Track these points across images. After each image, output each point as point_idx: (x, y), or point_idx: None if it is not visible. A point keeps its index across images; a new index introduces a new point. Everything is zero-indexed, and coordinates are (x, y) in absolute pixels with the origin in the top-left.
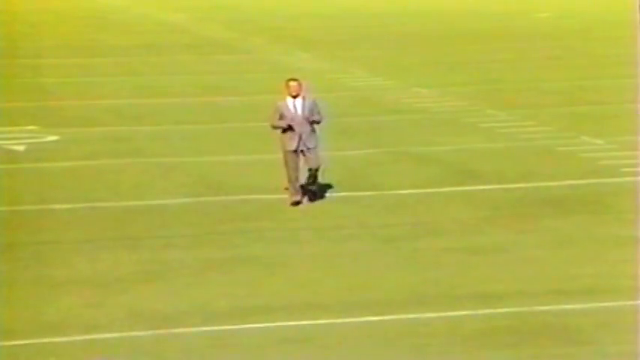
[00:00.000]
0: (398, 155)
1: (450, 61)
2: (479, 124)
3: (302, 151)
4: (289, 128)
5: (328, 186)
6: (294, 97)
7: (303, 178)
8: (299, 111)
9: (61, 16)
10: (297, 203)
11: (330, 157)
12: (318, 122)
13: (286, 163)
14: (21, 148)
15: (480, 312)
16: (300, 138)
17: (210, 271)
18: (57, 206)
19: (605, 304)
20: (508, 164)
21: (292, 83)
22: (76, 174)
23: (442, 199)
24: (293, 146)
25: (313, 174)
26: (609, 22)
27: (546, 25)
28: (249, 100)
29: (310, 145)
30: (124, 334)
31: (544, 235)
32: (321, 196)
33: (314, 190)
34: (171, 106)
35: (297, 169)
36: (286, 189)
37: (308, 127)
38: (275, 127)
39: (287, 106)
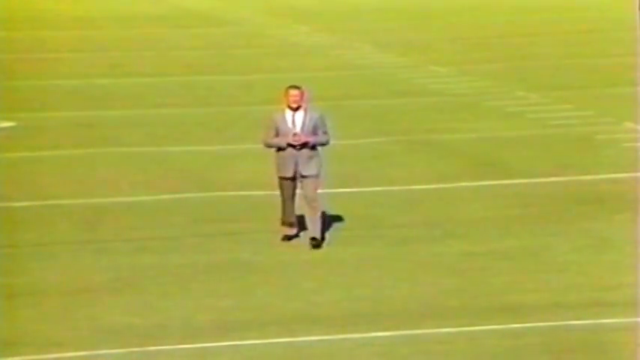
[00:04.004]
0: (411, 144)
1: (471, 35)
2: (505, 108)
3: (299, 178)
4: (285, 148)
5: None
6: (295, 109)
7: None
8: (298, 127)
9: None
10: (289, 238)
11: (332, 147)
12: (322, 144)
13: (280, 191)
14: None
15: (506, 327)
16: (296, 163)
17: (192, 279)
18: (13, 204)
19: None
20: (539, 155)
21: (292, 91)
22: (35, 166)
23: (463, 196)
24: (288, 172)
25: (315, 227)
26: None
27: None
28: (238, 80)
29: (307, 173)
30: (91, 352)
31: (580, 238)
32: (323, 239)
33: (317, 239)
34: (146, 86)
35: (292, 198)
36: (282, 222)
37: (307, 150)
38: (268, 146)
39: (284, 120)
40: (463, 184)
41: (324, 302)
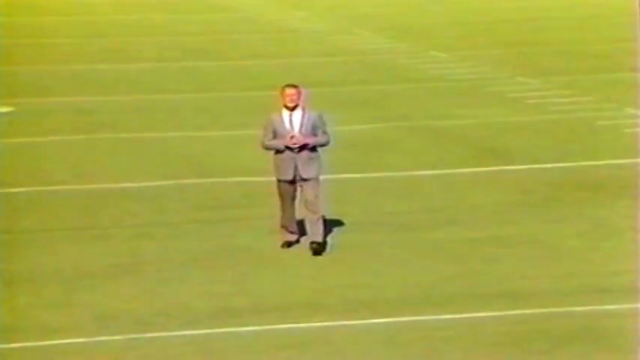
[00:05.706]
0: (412, 130)
1: (471, 21)
2: (506, 93)
3: (299, 182)
4: (283, 150)
5: (333, 225)
6: (292, 108)
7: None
8: (296, 127)
9: None
10: (289, 245)
11: (332, 133)
12: (321, 145)
13: (280, 194)
14: None
15: (507, 313)
16: (295, 165)
17: (191, 265)
18: (11, 190)
19: None
20: (540, 141)
21: (289, 90)
22: (33, 152)
23: (463, 182)
24: (288, 175)
25: (316, 230)
26: None
27: None
28: (236, 66)
29: (307, 176)
30: (90, 339)
31: (582, 224)
32: (325, 245)
33: (318, 243)
34: (145, 72)
35: (292, 202)
36: (282, 227)
37: (306, 151)
38: (267, 148)
39: (282, 121)
40: (463, 170)
41: (324, 289)
